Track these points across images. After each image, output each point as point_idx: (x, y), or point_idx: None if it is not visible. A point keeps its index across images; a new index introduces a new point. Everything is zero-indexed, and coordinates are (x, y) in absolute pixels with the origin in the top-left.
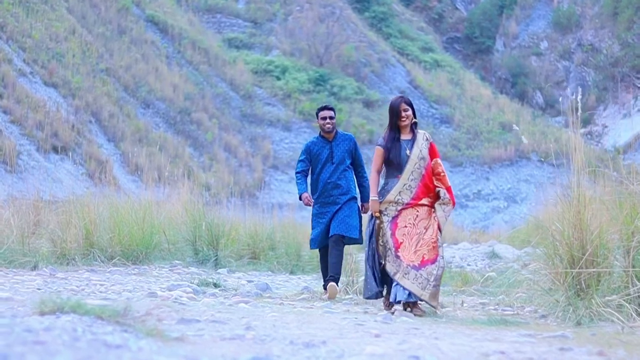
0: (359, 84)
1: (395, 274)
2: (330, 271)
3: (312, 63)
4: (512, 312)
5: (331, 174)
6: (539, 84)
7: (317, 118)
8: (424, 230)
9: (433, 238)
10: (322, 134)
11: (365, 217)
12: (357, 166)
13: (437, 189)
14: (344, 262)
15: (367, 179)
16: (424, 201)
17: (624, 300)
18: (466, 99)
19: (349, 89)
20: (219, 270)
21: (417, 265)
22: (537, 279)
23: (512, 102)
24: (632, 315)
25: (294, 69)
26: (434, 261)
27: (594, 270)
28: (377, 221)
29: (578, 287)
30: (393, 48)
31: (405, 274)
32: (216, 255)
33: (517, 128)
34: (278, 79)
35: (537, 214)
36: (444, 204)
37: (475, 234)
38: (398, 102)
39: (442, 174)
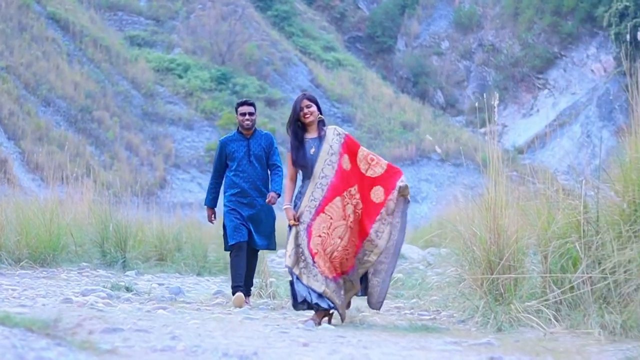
0: (261, 82)
1: (312, 282)
2: (247, 284)
3: (214, 61)
4: (429, 317)
5: (249, 174)
6: (439, 83)
7: (236, 113)
8: (339, 241)
9: (348, 249)
10: (239, 129)
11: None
12: (272, 165)
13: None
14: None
15: (280, 176)
16: (337, 201)
17: (542, 305)
18: (368, 98)
19: (251, 88)
20: (127, 273)
21: (331, 278)
22: (450, 282)
23: (413, 102)
24: (550, 320)
25: (196, 67)
26: (347, 273)
27: (513, 275)
28: (294, 229)
29: (496, 292)
30: (295, 47)
31: (323, 284)
32: (124, 257)
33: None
34: (180, 77)
35: (441, 215)
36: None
37: None
38: (300, 99)
39: (375, 159)
